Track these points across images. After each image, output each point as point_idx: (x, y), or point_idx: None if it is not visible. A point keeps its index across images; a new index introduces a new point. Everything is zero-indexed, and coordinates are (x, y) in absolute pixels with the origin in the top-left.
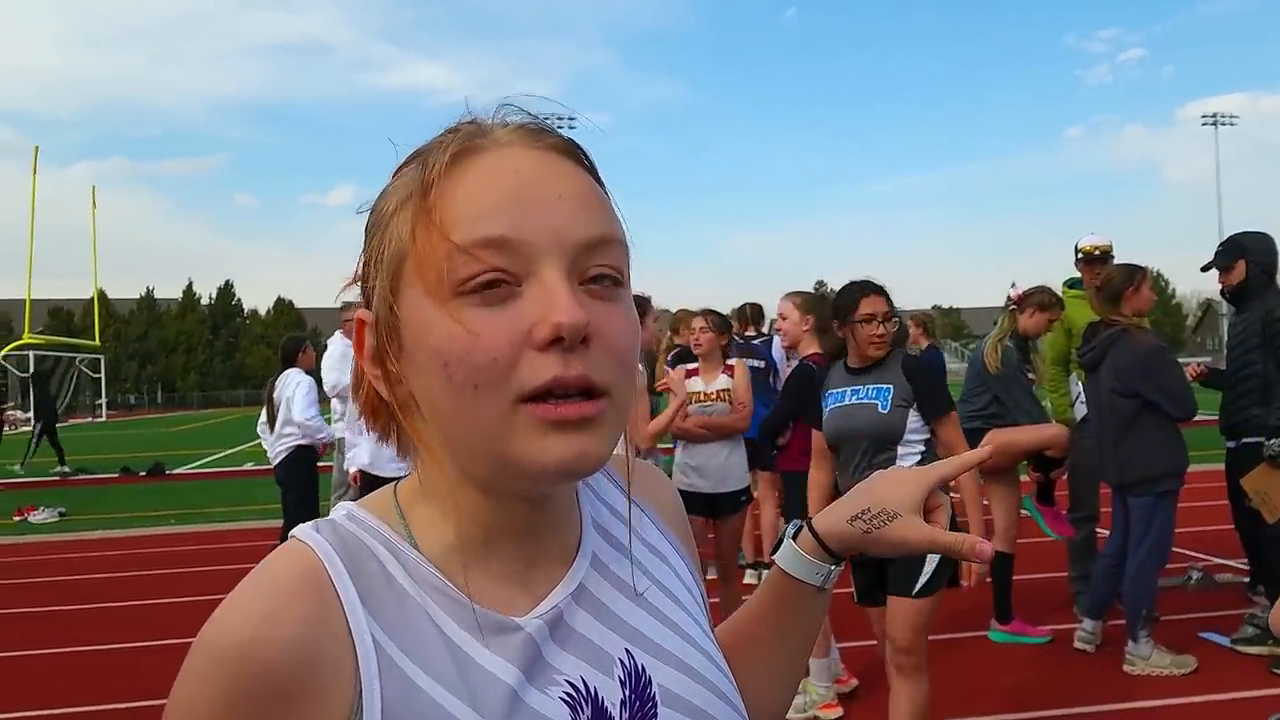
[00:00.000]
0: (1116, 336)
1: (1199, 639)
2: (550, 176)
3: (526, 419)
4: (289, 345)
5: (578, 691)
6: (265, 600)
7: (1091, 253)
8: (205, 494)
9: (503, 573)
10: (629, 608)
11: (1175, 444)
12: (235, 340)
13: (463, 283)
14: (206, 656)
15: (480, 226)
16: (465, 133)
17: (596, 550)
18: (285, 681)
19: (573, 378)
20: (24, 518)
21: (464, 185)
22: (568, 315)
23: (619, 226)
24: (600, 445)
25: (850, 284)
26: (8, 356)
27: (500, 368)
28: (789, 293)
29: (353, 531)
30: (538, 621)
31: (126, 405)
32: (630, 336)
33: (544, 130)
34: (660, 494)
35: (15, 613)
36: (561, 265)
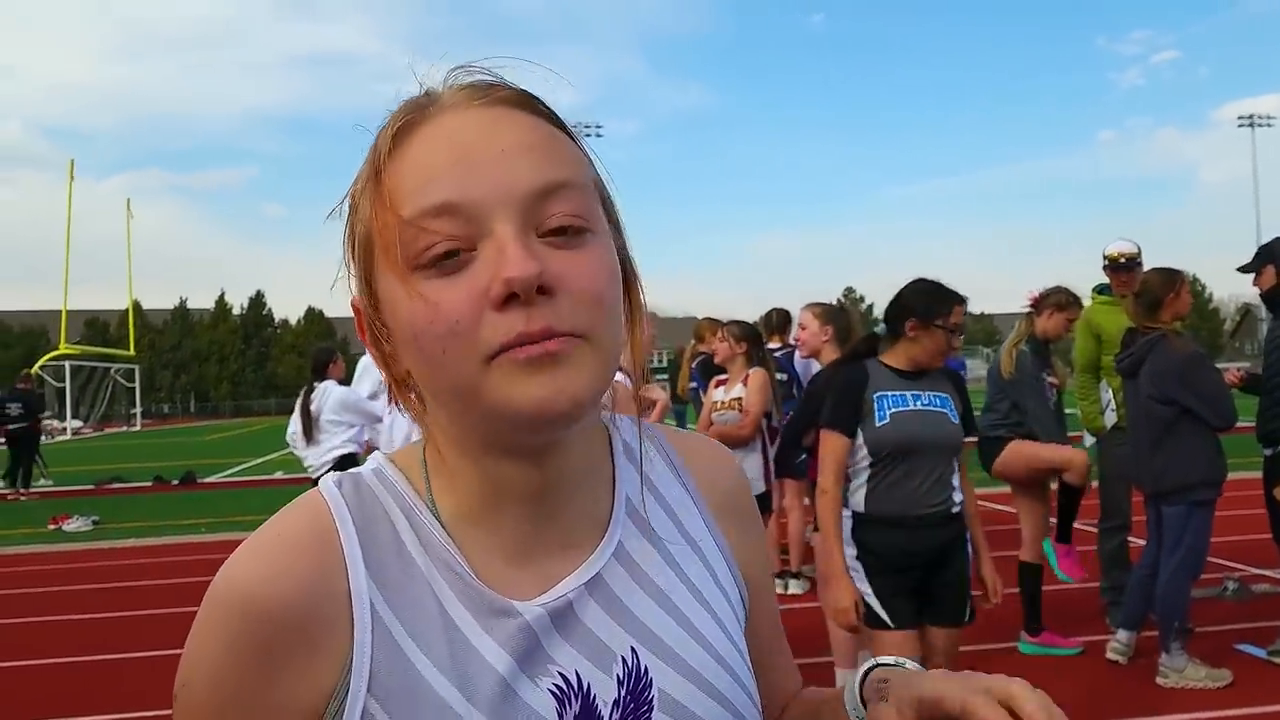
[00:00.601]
0: (1154, 342)
1: (1235, 651)
2: (492, 132)
3: (498, 369)
4: (320, 356)
5: (568, 685)
6: (271, 554)
7: (1118, 259)
8: (235, 503)
9: (514, 544)
10: (646, 604)
11: (1213, 452)
12: (267, 350)
13: (417, 256)
14: (215, 605)
15: (425, 196)
16: (409, 105)
17: (625, 536)
18: (284, 632)
19: (535, 331)
20: (58, 526)
21: (408, 158)
22: (517, 269)
23: (578, 168)
24: (579, 381)
25: (943, 287)
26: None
27: (463, 332)
28: (808, 304)
29: (374, 490)
30: (539, 610)
31: (161, 414)
32: (601, 279)
33: (492, 85)
34: (717, 477)
35: (51, 620)
36: (513, 219)
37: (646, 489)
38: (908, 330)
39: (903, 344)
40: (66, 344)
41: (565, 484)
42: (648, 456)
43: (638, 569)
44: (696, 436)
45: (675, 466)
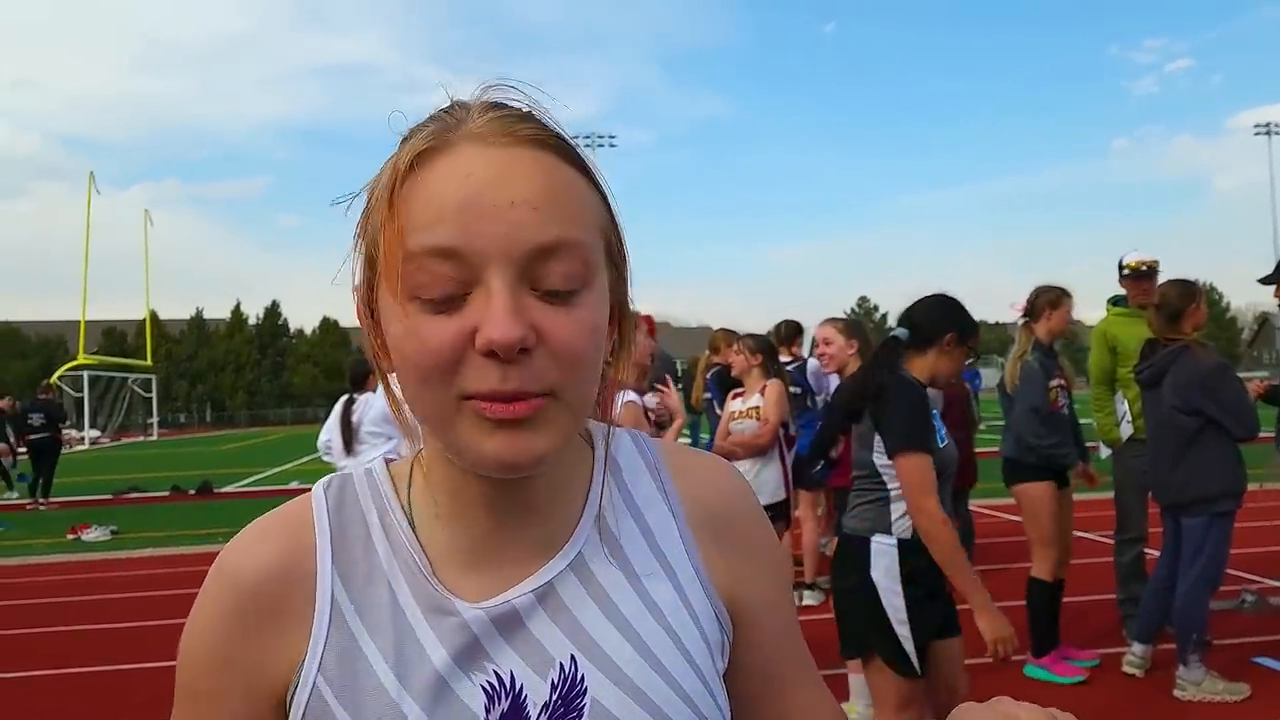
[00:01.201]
0: (1178, 354)
1: (1252, 664)
2: (507, 178)
3: (470, 413)
4: (358, 368)
5: (500, 684)
6: (253, 537)
7: (1138, 269)
8: (252, 512)
9: (476, 547)
10: (595, 616)
11: (1235, 464)
12: (282, 359)
13: (415, 289)
14: (209, 577)
15: (431, 235)
16: (437, 126)
17: (587, 549)
18: (257, 603)
19: (507, 391)
20: (77, 536)
21: (423, 186)
22: (501, 332)
23: (583, 222)
24: (540, 442)
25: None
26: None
27: (444, 368)
28: (827, 320)
29: (358, 490)
30: (478, 613)
31: (177, 424)
32: (584, 339)
33: (520, 119)
34: (707, 497)
35: (69, 630)
36: (508, 274)
37: (624, 504)
38: (945, 343)
39: (933, 356)
40: (84, 354)
41: (532, 495)
42: (635, 471)
43: (593, 582)
44: (695, 454)
45: (663, 484)
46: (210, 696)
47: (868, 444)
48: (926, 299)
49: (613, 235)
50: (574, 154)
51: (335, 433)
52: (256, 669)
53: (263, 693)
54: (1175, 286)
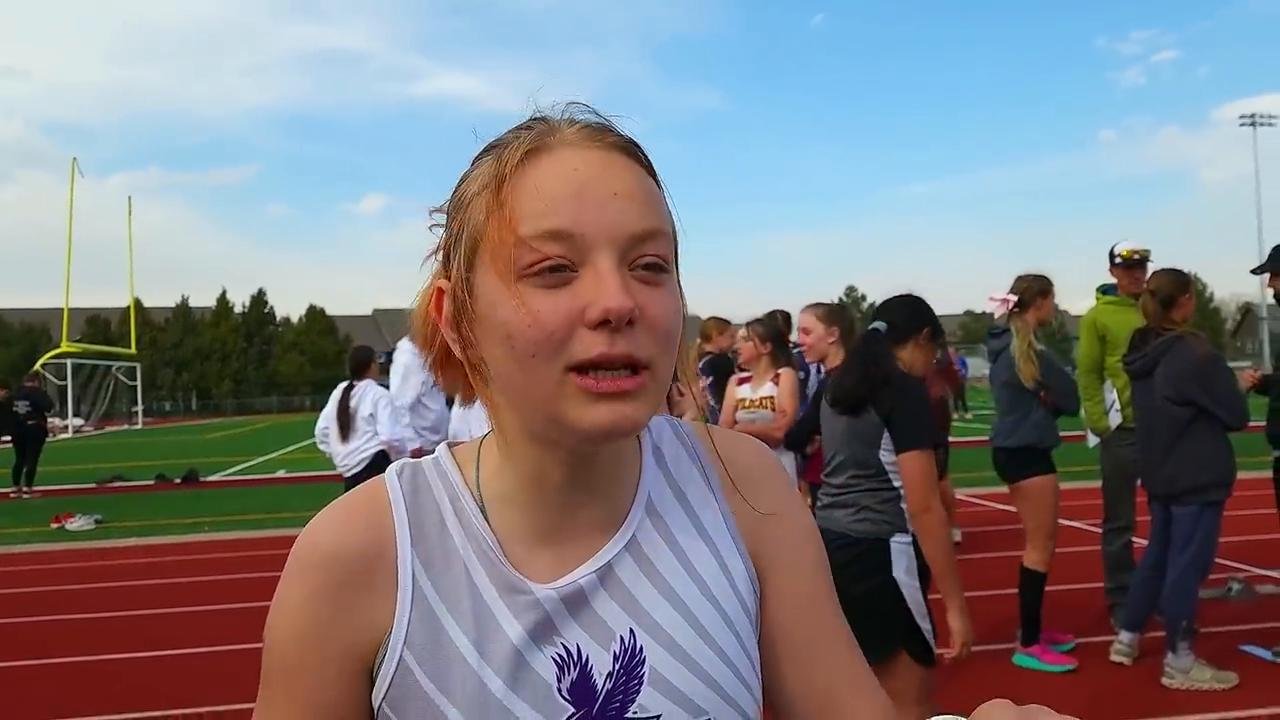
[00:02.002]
0: (1171, 344)
1: (1240, 652)
2: (607, 174)
3: (574, 387)
4: (360, 355)
5: (569, 655)
6: (337, 519)
7: (1130, 257)
8: (238, 501)
9: (543, 528)
10: (650, 593)
11: (1225, 453)
12: (268, 348)
13: (526, 268)
14: (292, 559)
15: (544, 221)
16: (536, 132)
17: (640, 531)
18: (345, 580)
19: (617, 354)
20: (61, 525)
21: (532, 181)
22: (616, 301)
23: (667, 220)
24: (638, 411)
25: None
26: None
27: (555, 342)
28: (809, 305)
29: (429, 478)
30: (551, 593)
31: (162, 412)
32: (673, 317)
33: (606, 129)
34: (732, 456)
35: (53, 619)
36: (613, 255)
37: (669, 487)
38: (920, 338)
39: (909, 350)
40: (68, 342)
41: (594, 479)
42: (676, 455)
43: (647, 562)
44: (728, 432)
45: (701, 462)
46: (305, 670)
47: (873, 441)
48: (900, 297)
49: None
50: (648, 162)
51: (332, 420)
52: (350, 640)
53: (353, 664)
54: (1168, 275)
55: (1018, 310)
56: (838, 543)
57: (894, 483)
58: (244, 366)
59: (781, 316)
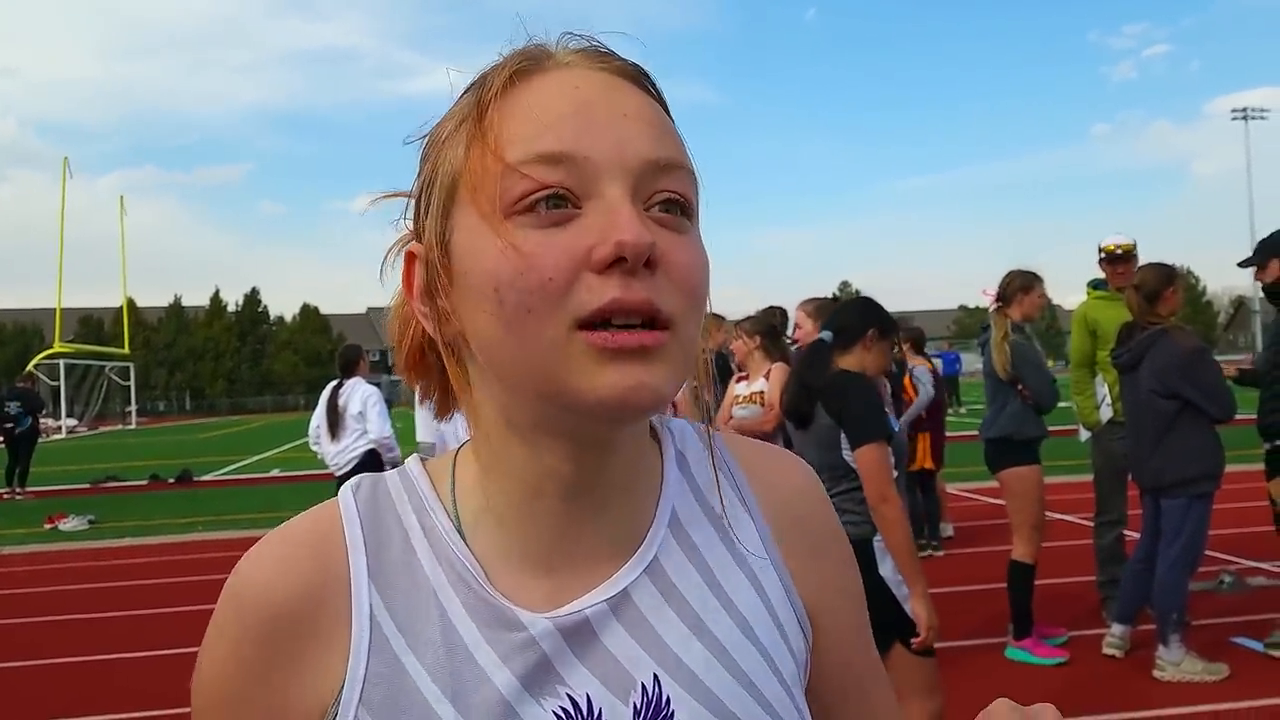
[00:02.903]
0: (1156, 337)
1: (1231, 644)
2: (616, 93)
3: (582, 346)
4: (348, 354)
5: (577, 709)
6: (275, 555)
7: (1114, 252)
8: (232, 501)
9: (540, 548)
10: (676, 628)
11: (1213, 446)
12: (262, 347)
13: (516, 201)
14: (222, 600)
15: (538, 143)
16: (525, 52)
17: (663, 551)
18: (281, 632)
19: (635, 301)
20: (54, 525)
21: (522, 103)
22: (632, 234)
23: (688, 156)
24: (660, 379)
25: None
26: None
27: (555, 289)
28: (803, 301)
29: (392, 493)
30: (548, 624)
31: (156, 412)
32: (701, 270)
33: (609, 54)
34: (784, 491)
35: (47, 620)
36: (626, 183)
37: (697, 501)
38: (868, 339)
39: (858, 352)
40: (61, 342)
41: (607, 485)
42: (702, 464)
43: (672, 589)
44: (764, 446)
45: (734, 477)
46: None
47: (832, 444)
48: (848, 301)
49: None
50: (660, 95)
51: (322, 418)
52: (281, 705)
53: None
54: (1153, 269)
55: (1000, 305)
56: None
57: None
58: (238, 366)
59: (779, 313)
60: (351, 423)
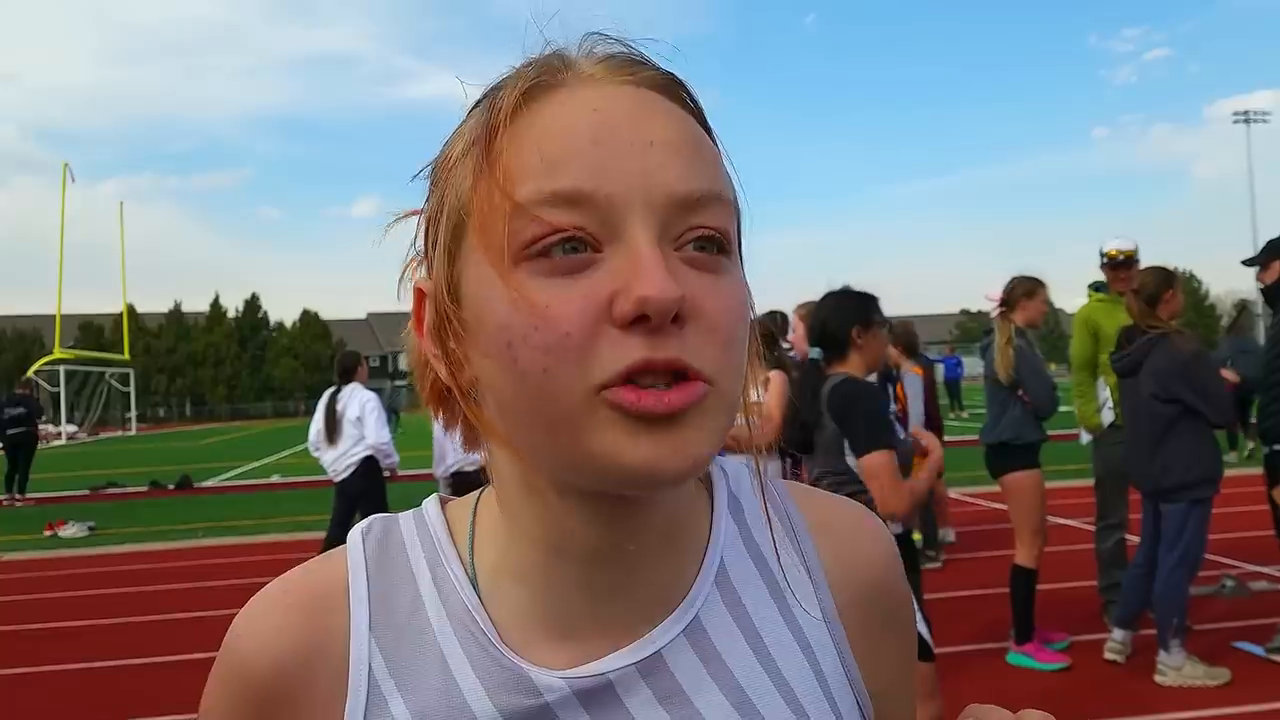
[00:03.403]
0: (1156, 341)
1: (1232, 649)
2: (642, 116)
3: (607, 410)
4: (347, 360)
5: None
6: (272, 612)
7: (1116, 257)
8: (232, 507)
9: (561, 612)
10: (716, 701)
11: (1212, 450)
12: (262, 353)
13: (527, 246)
14: (220, 655)
15: (550, 179)
16: (540, 64)
17: (705, 611)
18: (275, 695)
19: (662, 360)
20: (54, 532)
21: (534, 128)
22: (656, 288)
23: (727, 184)
24: (700, 443)
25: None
26: (38, 372)
27: (573, 346)
28: (800, 304)
29: (404, 540)
30: (561, 684)
31: (156, 418)
32: (738, 315)
33: (638, 61)
34: (854, 558)
35: (46, 627)
36: (651, 224)
37: (750, 556)
38: (855, 338)
39: (854, 354)
40: (61, 348)
41: (641, 548)
42: (759, 514)
43: (714, 655)
44: (835, 502)
45: (796, 534)
46: None
47: (837, 449)
48: (821, 307)
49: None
50: (700, 109)
51: (321, 423)
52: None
53: None
54: (1152, 273)
55: (1004, 310)
56: None
57: (865, 484)
58: (238, 372)
59: (780, 318)
60: (350, 428)
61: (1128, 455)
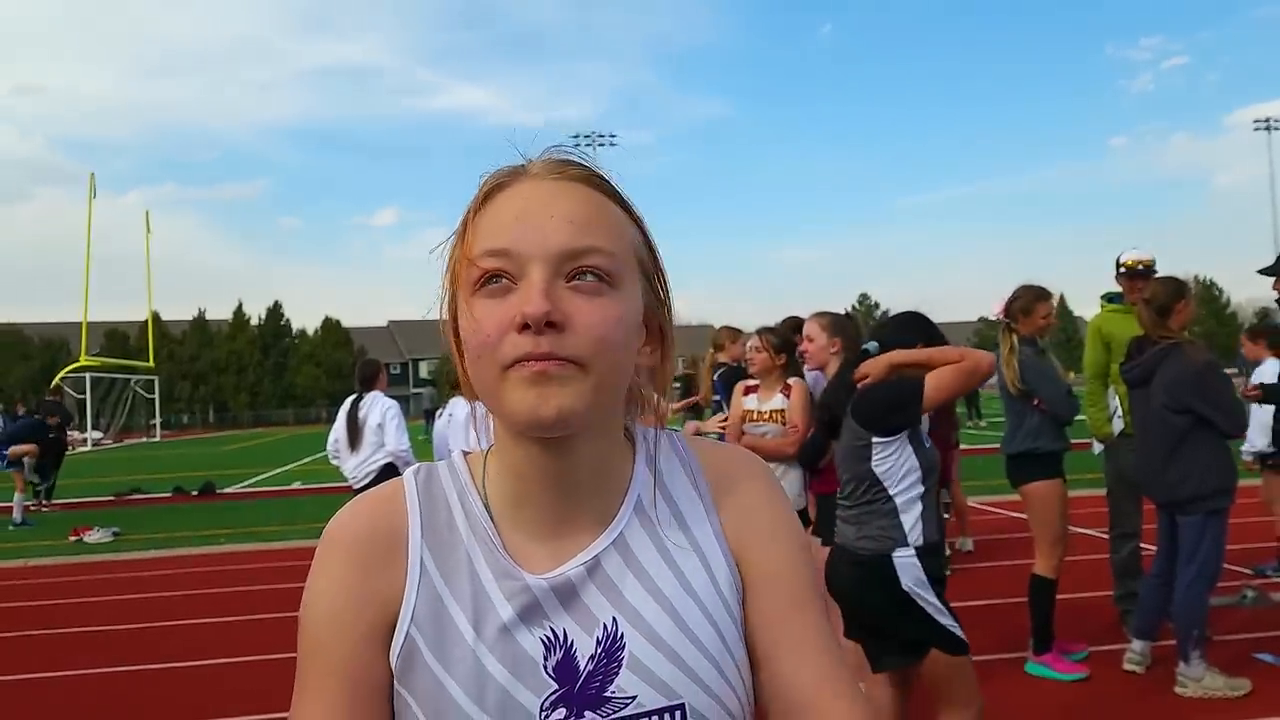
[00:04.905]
0: (1167, 352)
1: (1253, 659)
2: (551, 200)
3: (510, 380)
4: (367, 369)
5: (555, 638)
6: (359, 508)
7: (1135, 267)
8: (255, 513)
9: (536, 525)
10: (633, 585)
11: (1225, 460)
12: (284, 360)
13: (475, 282)
14: (326, 542)
15: (488, 241)
16: (502, 172)
17: (628, 530)
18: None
19: (539, 353)
20: (79, 538)
21: (489, 212)
22: (532, 306)
23: (617, 239)
24: (565, 398)
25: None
26: (65, 379)
27: (491, 344)
28: (815, 314)
29: (441, 478)
30: (541, 582)
31: (180, 425)
32: (608, 322)
33: (569, 163)
34: (723, 467)
35: (72, 632)
36: (544, 269)
37: (660, 492)
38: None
39: None
40: (87, 356)
41: (580, 477)
42: (671, 464)
43: (633, 557)
44: (721, 446)
45: (694, 475)
46: (337, 643)
47: (862, 455)
48: (896, 315)
49: (646, 257)
50: (611, 189)
51: (342, 431)
52: (374, 614)
53: (378, 635)
54: (1164, 283)
55: (1008, 321)
56: (848, 560)
57: (890, 492)
58: (260, 379)
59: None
60: (371, 435)
61: (1140, 466)
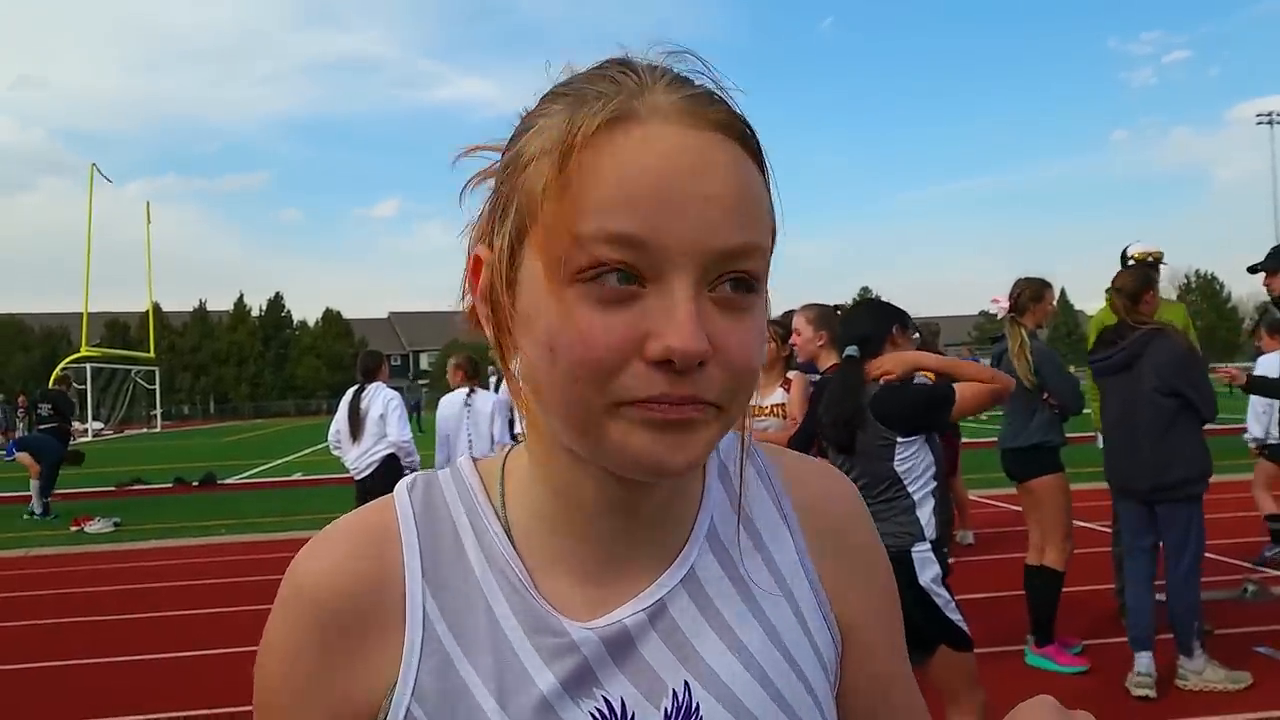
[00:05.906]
0: (1152, 336)
1: (1254, 653)
2: (703, 169)
3: (627, 417)
4: (369, 360)
5: (611, 711)
6: (333, 548)
7: (1144, 259)
8: (255, 504)
9: (584, 557)
10: (709, 638)
11: (1204, 447)
12: (285, 351)
13: (580, 271)
14: (283, 591)
15: (612, 219)
16: (620, 93)
17: (700, 563)
18: (339, 623)
19: (678, 396)
20: (80, 528)
21: (605, 161)
22: (687, 342)
23: (766, 228)
24: (695, 449)
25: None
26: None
27: (604, 370)
28: (802, 306)
29: (445, 494)
30: (590, 635)
31: (180, 416)
32: (754, 351)
33: (710, 101)
34: (826, 506)
35: (72, 621)
36: (693, 276)
37: (736, 514)
38: (895, 336)
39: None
40: (88, 346)
41: (649, 501)
42: (748, 478)
43: (707, 601)
44: (805, 460)
45: (775, 492)
46: (289, 717)
47: (884, 455)
48: (857, 310)
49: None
50: (758, 148)
51: (343, 421)
52: (342, 694)
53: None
54: (1129, 273)
55: (1014, 314)
56: None
57: (909, 489)
58: (261, 370)
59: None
60: (372, 426)
61: (1119, 457)
